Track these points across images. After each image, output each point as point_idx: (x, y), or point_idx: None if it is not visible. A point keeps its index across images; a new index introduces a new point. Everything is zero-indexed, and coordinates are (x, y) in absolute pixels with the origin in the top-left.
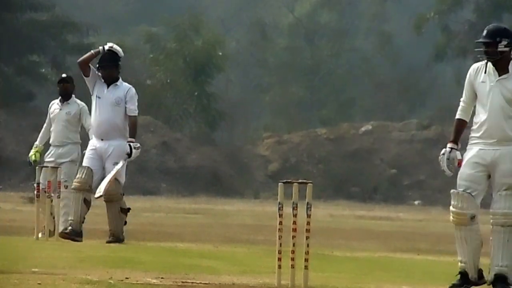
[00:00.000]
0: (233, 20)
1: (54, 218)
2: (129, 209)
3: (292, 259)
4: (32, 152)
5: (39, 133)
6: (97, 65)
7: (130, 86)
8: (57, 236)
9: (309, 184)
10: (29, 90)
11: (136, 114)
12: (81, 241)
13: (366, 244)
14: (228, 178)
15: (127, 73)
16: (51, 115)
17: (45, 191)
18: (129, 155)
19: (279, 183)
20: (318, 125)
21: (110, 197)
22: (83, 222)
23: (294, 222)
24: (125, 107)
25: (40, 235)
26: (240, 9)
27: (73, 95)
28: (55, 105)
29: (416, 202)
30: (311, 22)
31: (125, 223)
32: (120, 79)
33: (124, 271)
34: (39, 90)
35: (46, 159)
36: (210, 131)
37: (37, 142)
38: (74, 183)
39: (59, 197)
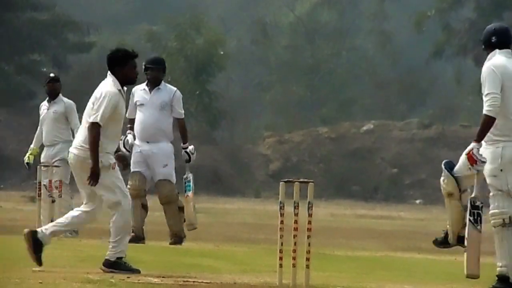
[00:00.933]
0: (234, 19)
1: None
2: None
3: (293, 258)
4: (27, 155)
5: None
6: (144, 66)
7: (175, 89)
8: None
9: (310, 183)
10: (30, 89)
11: (182, 117)
12: (144, 243)
13: (367, 243)
14: (229, 177)
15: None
16: (41, 116)
17: (46, 188)
18: (188, 160)
19: (280, 182)
20: (319, 124)
21: (167, 199)
22: (143, 226)
23: (295, 221)
24: (171, 110)
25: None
26: (241, 8)
27: (60, 94)
28: (43, 106)
29: (417, 201)
30: (312, 21)
31: (184, 220)
32: (164, 82)
33: None
34: (39, 89)
35: (41, 160)
36: (211, 130)
37: (32, 145)
38: (129, 190)
39: (60, 197)
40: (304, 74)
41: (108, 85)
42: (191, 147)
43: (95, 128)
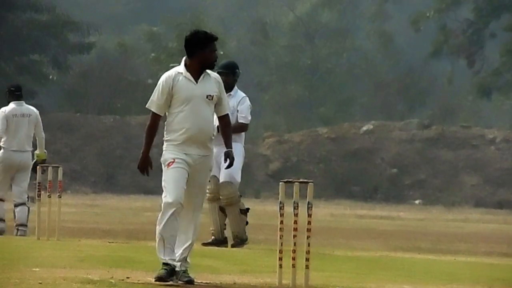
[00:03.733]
0: (234, 19)
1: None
2: (248, 209)
3: (293, 258)
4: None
5: None
6: (216, 72)
7: (244, 95)
8: (58, 236)
9: (310, 183)
10: (30, 89)
11: (245, 122)
12: (227, 246)
13: (367, 243)
14: None
15: (128, 73)
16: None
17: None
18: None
19: (280, 183)
20: (318, 124)
21: (229, 201)
22: (225, 229)
23: (295, 222)
24: (237, 115)
25: None
26: (241, 8)
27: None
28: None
29: (416, 202)
30: (312, 21)
31: (247, 223)
32: (236, 88)
33: (125, 271)
34: (40, 89)
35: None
36: None
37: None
38: (207, 194)
39: (60, 197)
40: (304, 74)
41: (172, 69)
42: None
43: (151, 117)
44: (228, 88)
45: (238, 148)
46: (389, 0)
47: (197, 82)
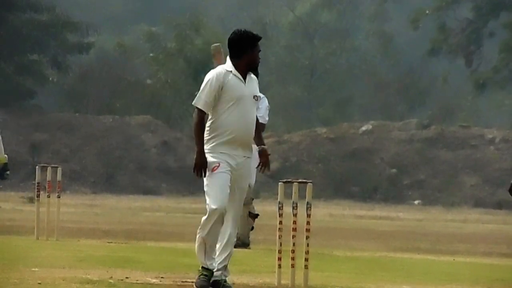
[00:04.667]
0: (234, 19)
1: None
2: (257, 215)
3: (292, 258)
4: None
5: (39, 133)
6: None
7: (264, 96)
8: (57, 236)
9: (309, 183)
10: (29, 89)
11: (264, 122)
12: (250, 248)
13: (366, 243)
14: None
15: (128, 73)
16: None
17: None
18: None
19: (279, 183)
20: (317, 124)
21: None
22: (252, 229)
23: (294, 222)
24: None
25: None
26: (241, 8)
27: None
28: None
29: (416, 202)
30: (312, 21)
31: (252, 228)
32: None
33: (124, 271)
34: (39, 89)
35: None
36: None
37: None
38: None
39: (59, 197)
40: (303, 74)
41: (219, 67)
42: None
43: (197, 114)
44: None
45: (254, 151)
46: (388, 0)
47: (245, 82)
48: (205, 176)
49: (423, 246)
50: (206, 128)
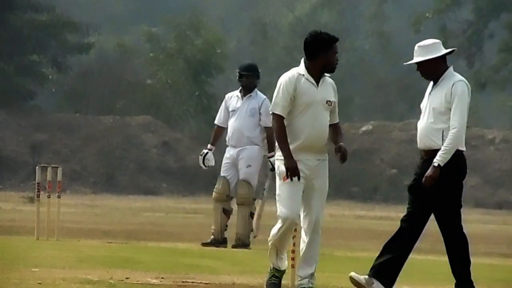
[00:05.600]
0: (234, 20)
1: None
2: (228, 214)
3: (292, 259)
4: None
5: (39, 133)
6: (238, 73)
7: (265, 97)
8: (57, 236)
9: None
10: (29, 89)
11: (271, 125)
12: (226, 247)
13: (366, 244)
14: None
15: (128, 73)
16: None
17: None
18: (273, 169)
19: None
20: None
21: (242, 201)
22: (225, 230)
23: None
24: (260, 118)
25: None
26: (241, 8)
27: None
28: None
29: None
30: (311, 22)
31: (253, 229)
32: (256, 89)
33: (124, 271)
34: (39, 90)
35: None
36: (210, 131)
37: None
38: (213, 194)
39: (59, 197)
40: None
41: (292, 70)
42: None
43: (276, 120)
44: (250, 90)
45: (257, 152)
46: (388, 0)
47: (318, 86)
48: (298, 179)
49: (423, 246)
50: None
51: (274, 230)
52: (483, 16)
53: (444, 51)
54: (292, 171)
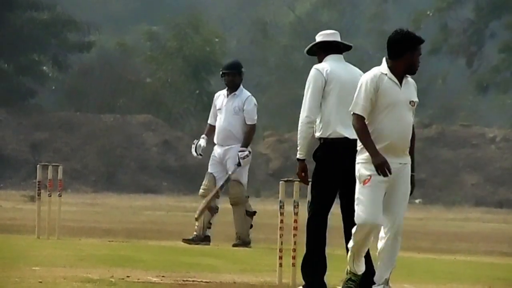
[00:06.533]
0: (234, 19)
1: None
2: (255, 212)
3: (293, 257)
4: None
5: (39, 132)
6: (221, 72)
7: (249, 94)
8: (58, 235)
9: (310, 182)
10: (30, 88)
11: (254, 123)
12: (209, 245)
13: None
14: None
15: (128, 72)
16: None
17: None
18: (239, 164)
19: (280, 182)
20: None
21: (235, 200)
22: (209, 228)
23: (295, 221)
24: (244, 115)
25: None
26: (241, 8)
27: None
28: None
29: (416, 201)
30: (312, 21)
31: (251, 226)
32: (241, 87)
33: (125, 270)
34: (39, 89)
35: None
36: None
37: None
38: (200, 190)
39: (60, 196)
40: (303, 73)
41: (374, 69)
42: (245, 153)
43: (356, 121)
44: (235, 87)
45: (235, 150)
46: (388, 0)
47: (401, 86)
48: (390, 173)
49: (424, 245)
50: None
51: (353, 236)
52: (483, 15)
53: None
54: (382, 166)
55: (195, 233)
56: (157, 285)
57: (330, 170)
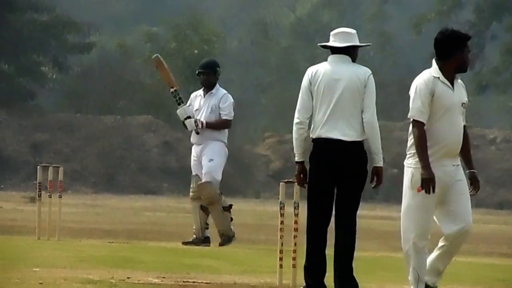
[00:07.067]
0: (235, 20)
1: None
2: (231, 205)
3: (294, 258)
4: None
5: (40, 133)
6: (197, 71)
7: (226, 92)
8: (58, 236)
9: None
10: (30, 89)
11: (229, 118)
12: (209, 246)
13: (367, 243)
14: (230, 178)
15: (129, 73)
16: None
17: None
18: (189, 117)
19: (281, 183)
20: None
21: (210, 201)
22: (207, 228)
23: (296, 222)
24: (219, 113)
25: None
26: (242, 8)
27: None
28: None
29: None
30: (312, 22)
31: (231, 219)
32: (217, 86)
33: (125, 271)
34: (40, 90)
35: None
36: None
37: None
38: (190, 193)
39: (61, 197)
40: (303, 74)
41: (425, 73)
42: (192, 120)
43: (416, 127)
44: (210, 87)
45: (219, 147)
46: (388, 0)
47: (453, 88)
48: (433, 191)
49: None
50: (411, 142)
51: (407, 250)
52: (484, 18)
53: None
54: (429, 183)
55: (194, 236)
56: (158, 286)
57: (318, 172)
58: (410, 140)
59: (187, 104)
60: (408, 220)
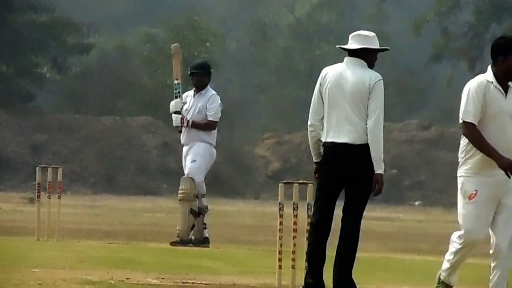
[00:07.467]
0: (234, 20)
1: None
2: (199, 213)
3: (293, 259)
4: None
5: (39, 134)
6: (189, 71)
7: (215, 93)
8: (57, 237)
9: (309, 184)
10: (29, 90)
11: (214, 119)
12: (208, 247)
13: (366, 244)
14: (229, 179)
15: (128, 74)
16: None
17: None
18: (177, 113)
19: (280, 184)
20: None
21: (183, 196)
22: (205, 228)
23: (295, 223)
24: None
25: None
26: (241, 9)
27: None
28: None
29: (416, 203)
30: (311, 22)
31: (193, 226)
32: (208, 87)
33: (124, 272)
34: (39, 91)
35: None
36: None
37: None
38: (179, 195)
39: (60, 198)
40: (303, 75)
41: (479, 76)
42: (179, 116)
43: (469, 130)
44: (202, 87)
45: (204, 148)
46: (387, 0)
47: (506, 96)
48: None
49: (423, 247)
50: (463, 148)
51: (453, 249)
52: (483, 19)
53: None
54: (507, 169)
55: (177, 238)
56: (157, 287)
57: (326, 174)
58: (463, 146)
59: (183, 100)
60: (464, 225)
